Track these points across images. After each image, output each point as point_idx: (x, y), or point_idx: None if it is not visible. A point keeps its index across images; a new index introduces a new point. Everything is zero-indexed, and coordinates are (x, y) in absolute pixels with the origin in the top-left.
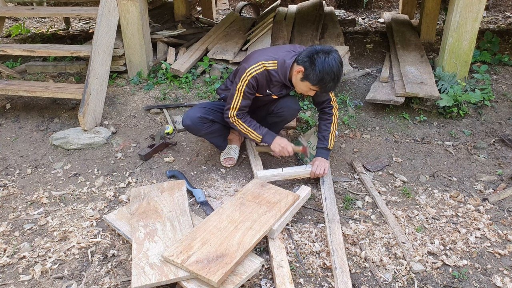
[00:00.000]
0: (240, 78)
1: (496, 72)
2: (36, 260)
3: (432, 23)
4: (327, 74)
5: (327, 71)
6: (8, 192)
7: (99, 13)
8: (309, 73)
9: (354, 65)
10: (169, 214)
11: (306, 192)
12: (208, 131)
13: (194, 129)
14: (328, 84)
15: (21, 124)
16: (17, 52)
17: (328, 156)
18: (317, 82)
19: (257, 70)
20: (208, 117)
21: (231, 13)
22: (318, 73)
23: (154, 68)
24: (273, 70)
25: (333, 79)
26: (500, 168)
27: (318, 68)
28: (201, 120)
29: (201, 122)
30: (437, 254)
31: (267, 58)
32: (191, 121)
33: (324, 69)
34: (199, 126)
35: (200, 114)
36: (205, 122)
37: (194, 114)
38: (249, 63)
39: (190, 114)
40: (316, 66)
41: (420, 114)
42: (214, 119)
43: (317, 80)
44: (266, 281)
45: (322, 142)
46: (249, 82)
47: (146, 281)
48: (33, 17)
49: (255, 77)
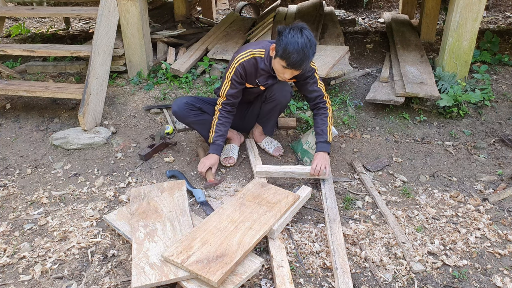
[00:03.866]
0: (230, 66)
1: (496, 72)
2: (36, 260)
3: (432, 23)
4: (290, 44)
5: (291, 42)
6: (8, 192)
7: (99, 13)
8: (277, 47)
9: (354, 65)
10: (169, 214)
11: (306, 192)
12: (195, 120)
13: (181, 116)
14: (292, 55)
15: (21, 124)
16: (17, 52)
17: (329, 149)
18: (281, 54)
19: (245, 57)
20: (195, 105)
21: (231, 13)
22: (282, 45)
23: (154, 68)
24: (259, 58)
25: (297, 50)
26: (500, 168)
27: (282, 40)
28: (188, 107)
29: (187, 109)
30: (437, 254)
31: (256, 47)
32: (178, 107)
33: (288, 40)
34: (186, 112)
35: (186, 101)
36: (192, 109)
37: (181, 100)
38: (239, 52)
39: (177, 101)
40: (282, 38)
41: (420, 114)
42: (203, 108)
43: (281, 51)
44: (266, 281)
45: (321, 136)
46: (237, 70)
47: (146, 281)
48: (33, 17)
49: (242, 65)
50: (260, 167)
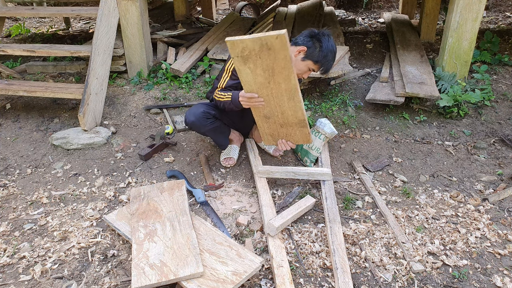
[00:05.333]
0: (229, 59)
1: (496, 72)
2: (36, 260)
3: (432, 23)
4: (330, 52)
5: (330, 50)
6: (8, 192)
7: (99, 13)
8: (313, 51)
9: (354, 65)
10: (169, 214)
11: (310, 202)
12: (211, 128)
13: (198, 126)
14: (330, 62)
15: (21, 124)
16: (17, 52)
17: None
18: (321, 59)
19: None
20: (211, 112)
21: (231, 13)
22: (324, 50)
23: (154, 68)
24: None
25: (333, 58)
26: (500, 168)
27: (324, 45)
28: (205, 115)
29: (205, 117)
30: (437, 254)
31: None
32: (195, 116)
33: (328, 47)
34: (203, 121)
35: (203, 109)
36: (209, 118)
37: (198, 109)
38: None
39: (193, 110)
40: (322, 43)
41: (420, 114)
42: (216, 115)
43: (322, 56)
44: (266, 281)
45: None
46: None
47: (146, 282)
48: (33, 17)
49: None
50: (261, 167)
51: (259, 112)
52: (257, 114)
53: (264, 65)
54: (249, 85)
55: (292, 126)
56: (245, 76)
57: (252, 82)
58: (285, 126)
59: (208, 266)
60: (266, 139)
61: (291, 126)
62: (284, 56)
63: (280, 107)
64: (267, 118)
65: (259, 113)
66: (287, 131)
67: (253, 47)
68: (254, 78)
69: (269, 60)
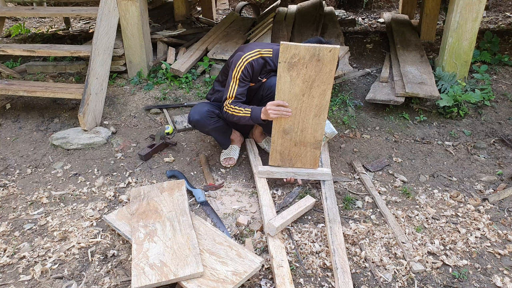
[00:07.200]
0: (236, 65)
1: (496, 72)
2: (36, 260)
3: (432, 23)
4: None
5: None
6: (8, 192)
7: (99, 13)
8: None
9: (354, 65)
10: (169, 214)
11: (310, 202)
12: (215, 127)
13: (202, 124)
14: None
15: (21, 124)
16: (17, 52)
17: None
18: None
19: (253, 56)
20: (215, 111)
21: (231, 13)
22: None
23: (154, 68)
24: (268, 58)
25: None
26: (500, 168)
27: None
28: (209, 114)
29: (209, 116)
30: (437, 254)
31: (263, 47)
32: (200, 115)
33: None
34: (208, 120)
35: (208, 108)
36: (213, 117)
37: (202, 108)
38: (244, 51)
39: (198, 109)
40: None
41: (420, 114)
42: (220, 114)
43: None
44: (266, 281)
45: None
46: (245, 68)
47: (146, 282)
48: (33, 17)
49: (251, 63)
50: (261, 167)
51: (279, 126)
52: (277, 127)
53: (306, 75)
54: (283, 93)
55: (306, 146)
56: (283, 84)
57: (287, 91)
58: (299, 145)
59: (208, 266)
60: (273, 159)
61: (305, 146)
62: (329, 70)
63: (302, 123)
64: (286, 133)
65: (279, 127)
66: (299, 151)
67: (304, 55)
68: (291, 87)
69: (314, 71)
